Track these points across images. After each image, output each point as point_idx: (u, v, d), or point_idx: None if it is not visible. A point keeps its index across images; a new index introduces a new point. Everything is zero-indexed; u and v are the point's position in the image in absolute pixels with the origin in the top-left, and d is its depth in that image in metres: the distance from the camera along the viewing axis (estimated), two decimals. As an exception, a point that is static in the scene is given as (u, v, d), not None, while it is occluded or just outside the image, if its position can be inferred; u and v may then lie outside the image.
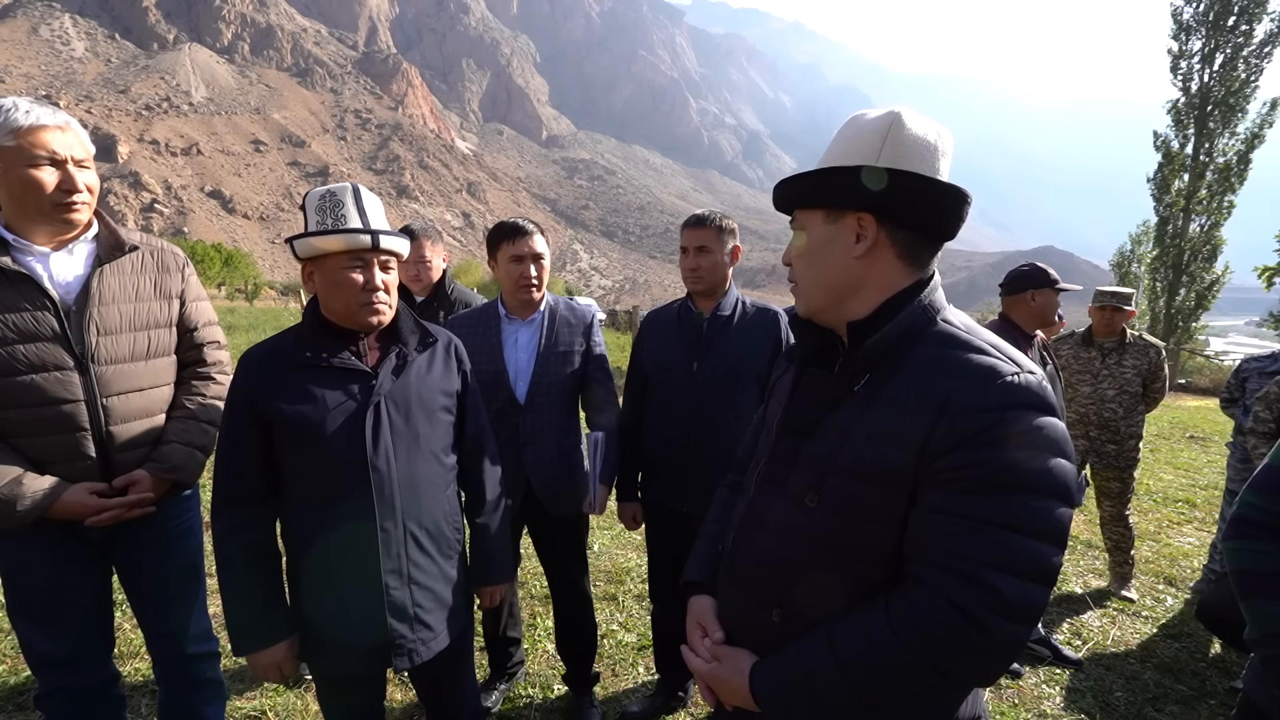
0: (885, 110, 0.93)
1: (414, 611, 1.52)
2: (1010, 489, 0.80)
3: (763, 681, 0.94)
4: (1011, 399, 0.82)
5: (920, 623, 0.80)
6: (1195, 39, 18.85)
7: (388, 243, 1.46)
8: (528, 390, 2.21)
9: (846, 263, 0.95)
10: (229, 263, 58.20)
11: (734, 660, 1.00)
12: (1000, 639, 0.79)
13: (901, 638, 0.81)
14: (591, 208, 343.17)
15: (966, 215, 0.93)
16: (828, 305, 0.99)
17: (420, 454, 1.53)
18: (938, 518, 0.83)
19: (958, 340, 0.90)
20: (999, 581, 0.79)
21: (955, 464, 0.82)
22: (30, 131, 1.46)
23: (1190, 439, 8.40)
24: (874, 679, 0.82)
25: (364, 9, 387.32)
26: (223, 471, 1.48)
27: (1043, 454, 0.81)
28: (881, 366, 0.92)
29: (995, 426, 0.81)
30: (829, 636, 0.87)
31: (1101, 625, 3.37)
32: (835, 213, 0.95)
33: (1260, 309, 19.99)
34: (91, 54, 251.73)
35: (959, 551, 0.81)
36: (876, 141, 0.90)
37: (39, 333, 1.51)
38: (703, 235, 2.17)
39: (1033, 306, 2.78)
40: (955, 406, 0.83)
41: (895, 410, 0.88)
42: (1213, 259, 18.76)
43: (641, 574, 3.74)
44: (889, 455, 0.87)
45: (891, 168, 0.89)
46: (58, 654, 1.66)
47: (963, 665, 0.81)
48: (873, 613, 0.85)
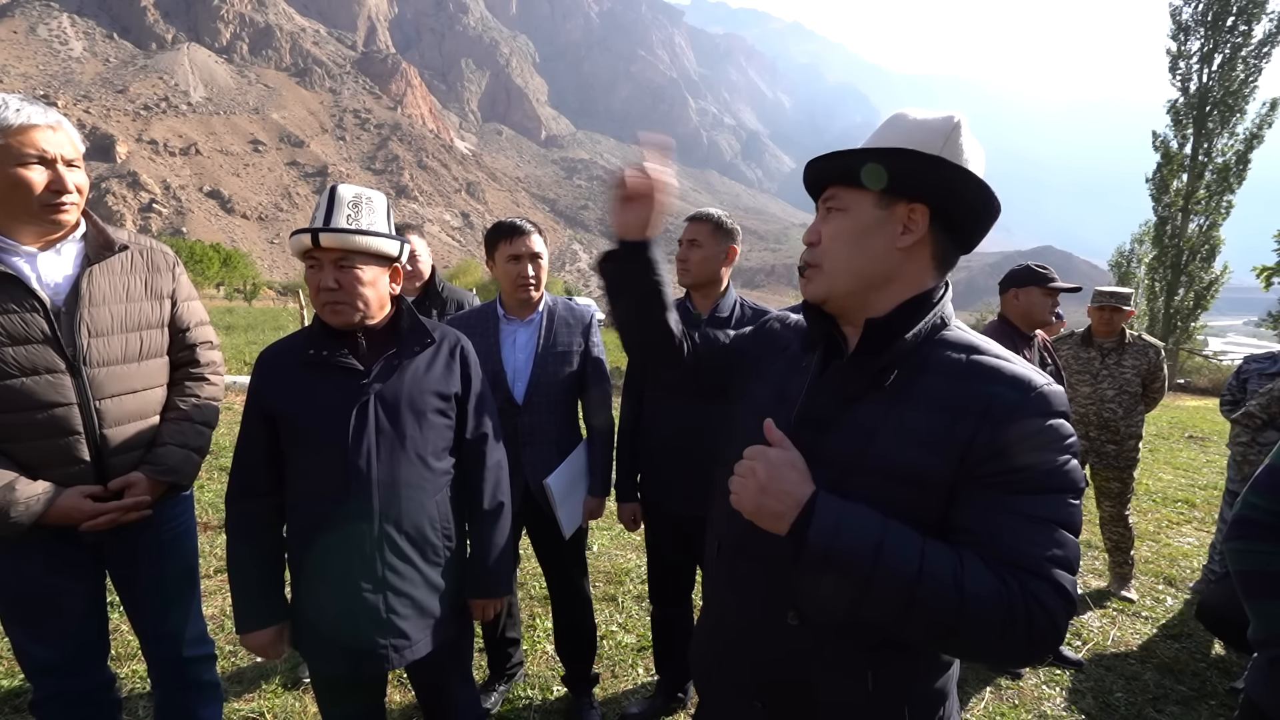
0: (945, 113, 0.92)
1: (387, 616, 1.50)
2: (1054, 489, 0.84)
3: (826, 517, 0.83)
4: (1047, 407, 0.85)
5: (1012, 595, 0.81)
6: (1194, 39, 18.82)
7: (330, 240, 1.42)
8: (525, 390, 2.20)
9: (888, 252, 0.93)
10: (227, 263, 58.17)
11: (804, 467, 0.89)
12: (1062, 629, 0.82)
13: (997, 594, 0.81)
14: (591, 208, 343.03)
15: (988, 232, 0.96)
16: (852, 291, 0.96)
17: (405, 456, 1.51)
18: (994, 516, 0.84)
19: (975, 346, 0.92)
20: (1060, 576, 0.82)
21: (1005, 467, 0.84)
22: (20, 131, 1.44)
23: (1189, 439, 8.40)
24: (943, 599, 0.81)
25: (363, 9, 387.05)
26: (235, 463, 1.56)
27: (1072, 458, 0.86)
28: (906, 364, 0.92)
29: (1041, 433, 0.84)
30: (923, 540, 0.84)
31: (1101, 626, 3.37)
32: (890, 198, 0.92)
33: (1259, 309, 19.96)
34: (90, 54, 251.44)
35: (1023, 548, 0.82)
36: (939, 139, 0.89)
37: (29, 335, 1.48)
38: (696, 229, 2.19)
39: (1017, 305, 2.77)
40: (998, 413, 0.85)
41: (928, 412, 0.88)
42: (1211, 259, 18.75)
43: (641, 575, 3.73)
44: (924, 458, 0.87)
45: (960, 164, 0.89)
46: (53, 660, 1.64)
47: (1024, 646, 0.81)
48: (970, 555, 0.84)
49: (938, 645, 0.90)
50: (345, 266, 1.45)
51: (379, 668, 1.52)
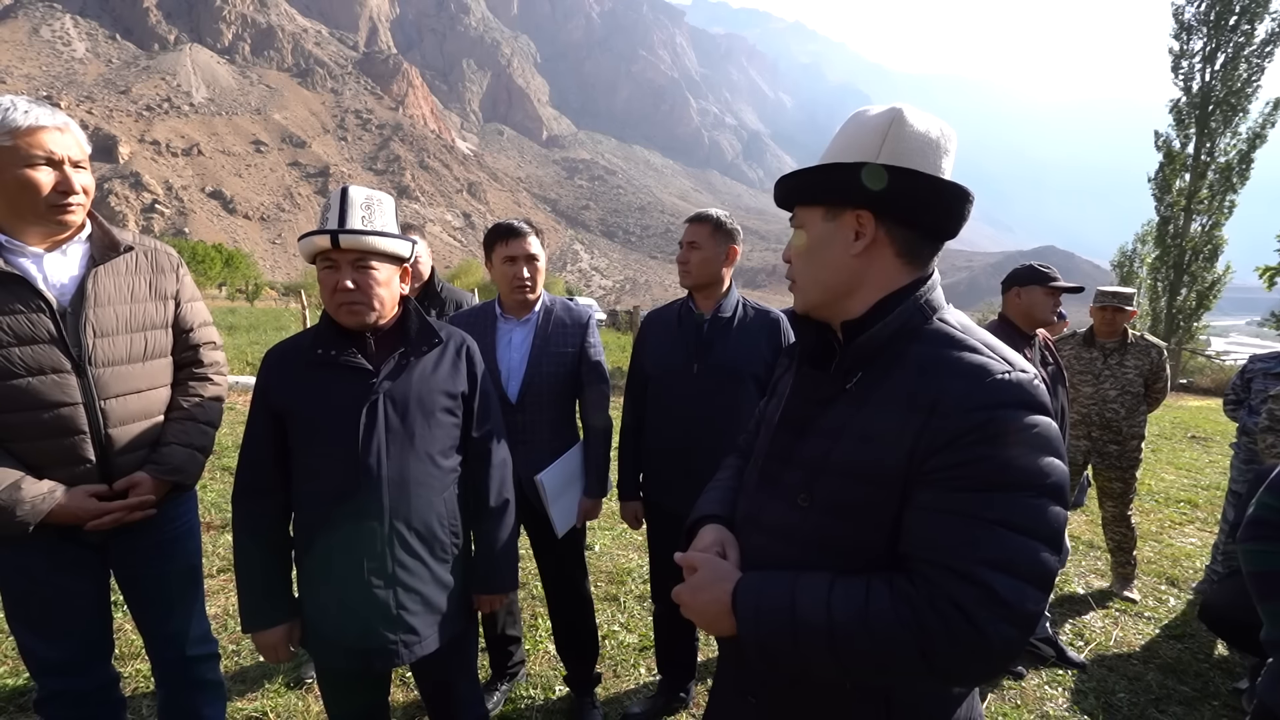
0: (888, 107, 0.92)
1: (397, 613, 1.51)
2: (1002, 486, 0.80)
3: (747, 594, 0.91)
4: (1002, 397, 0.82)
5: (919, 613, 0.79)
6: (1196, 38, 18.80)
7: (349, 241, 1.43)
8: (519, 389, 2.21)
9: (845, 260, 0.94)
10: (230, 263, 58.25)
11: (718, 569, 0.98)
12: (995, 641, 0.77)
13: (900, 616, 0.80)
14: (592, 208, 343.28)
15: (968, 214, 0.92)
16: (825, 302, 0.99)
17: (414, 454, 1.52)
18: (931, 516, 0.82)
19: (952, 339, 0.89)
20: (993, 579, 0.77)
21: (947, 463, 0.82)
22: (29, 132, 1.44)
23: (1192, 439, 8.39)
24: (858, 644, 0.81)
25: (364, 9, 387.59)
26: (241, 461, 1.56)
27: (1034, 452, 0.80)
28: (874, 365, 0.92)
29: (986, 425, 0.80)
30: (830, 585, 0.86)
31: (1104, 626, 3.37)
32: (834, 210, 0.94)
33: (1261, 309, 19.97)
34: (92, 55, 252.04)
35: (955, 549, 0.80)
36: (877, 138, 0.90)
37: (35, 335, 1.48)
38: (696, 231, 2.19)
39: (1018, 304, 2.78)
40: (946, 405, 0.82)
41: (887, 410, 0.87)
42: (1214, 259, 18.72)
43: (642, 574, 3.73)
44: (880, 455, 0.86)
45: (891, 165, 0.89)
46: (57, 659, 1.65)
47: (951, 661, 0.79)
48: (878, 581, 0.84)
49: (910, 679, 0.87)
50: (363, 267, 1.47)
51: (388, 664, 1.53)
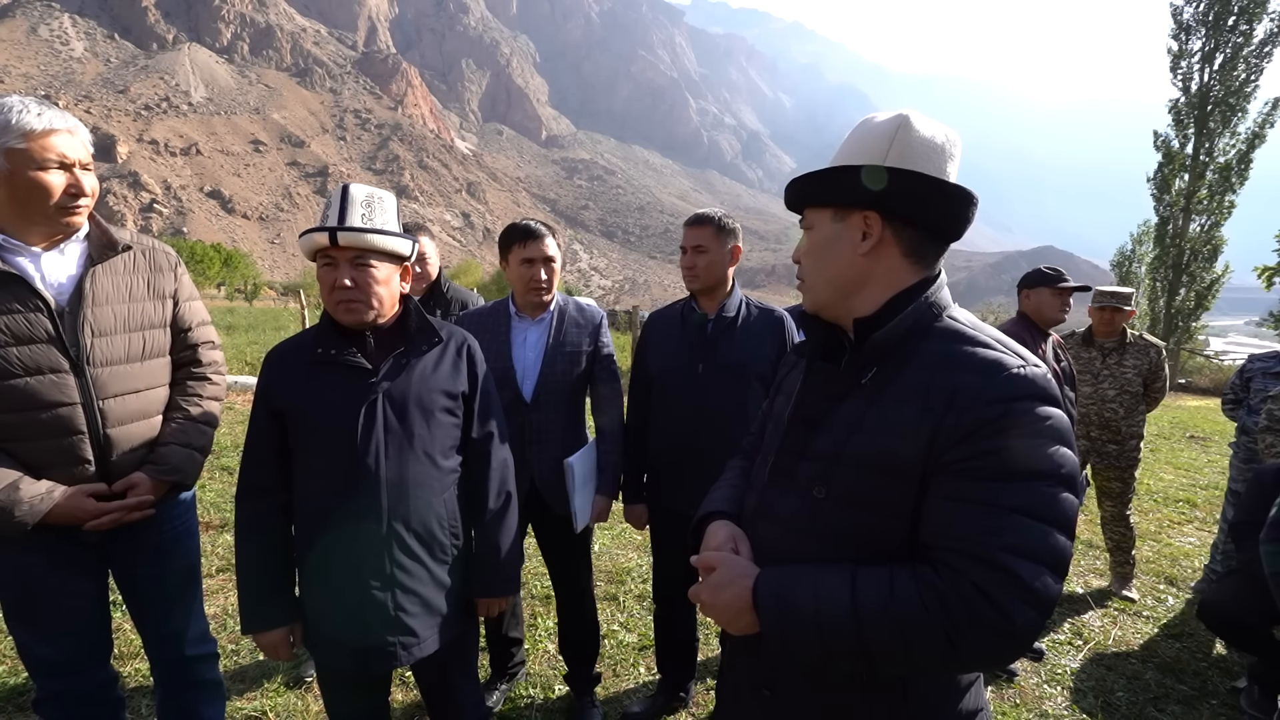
0: (895, 113, 0.96)
1: (395, 614, 1.50)
2: (1020, 476, 0.82)
3: (768, 590, 0.92)
4: (1018, 390, 0.84)
5: (944, 598, 0.81)
6: (1195, 39, 18.82)
7: (347, 239, 1.42)
8: (534, 389, 2.21)
9: (852, 260, 0.97)
10: (228, 263, 58.25)
11: (736, 566, 0.98)
12: (1020, 624, 0.79)
13: (927, 604, 0.82)
14: (591, 208, 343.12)
15: (972, 216, 0.95)
16: (834, 301, 1.01)
17: (413, 455, 1.51)
18: (953, 505, 0.84)
19: (963, 335, 0.92)
20: (1017, 565, 0.79)
21: (966, 454, 0.84)
22: (43, 135, 1.45)
23: (1191, 439, 8.40)
24: (885, 633, 0.83)
25: (363, 9, 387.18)
26: (244, 460, 1.56)
27: (1049, 443, 0.83)
28: (887, 361, 0.94)
29: (1004, 417, 0.83)
30: (853, 576, 0.87)
31: (1103, 625, 3.37)
32: (842, 211, 0.97)
33: (1260, 309, 19.97)
34: (91, 54, 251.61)
35: (977, 536, 0.82)
36: (884, 142, 0.93)
37: (33, 335, 1.48)
38: (700, 234, 2.17)
39: (1029, 305, 2.96)
40: (963, 399, 0.85)
41: (903, 404, 0.90)
42: (1213, 259, 18.74)
43: (642, 574, 3.74)
44: (897, 448, 0.88)
45: (897, 167, 0.92)
46: (56, 659, 1.65)
47: (978, 645, 0.81)
48: (901, 572, 0.86)
49: (936, 665, 0.87)
50: (361, 265, 1.46)
51: (387, 665, 1.52)
